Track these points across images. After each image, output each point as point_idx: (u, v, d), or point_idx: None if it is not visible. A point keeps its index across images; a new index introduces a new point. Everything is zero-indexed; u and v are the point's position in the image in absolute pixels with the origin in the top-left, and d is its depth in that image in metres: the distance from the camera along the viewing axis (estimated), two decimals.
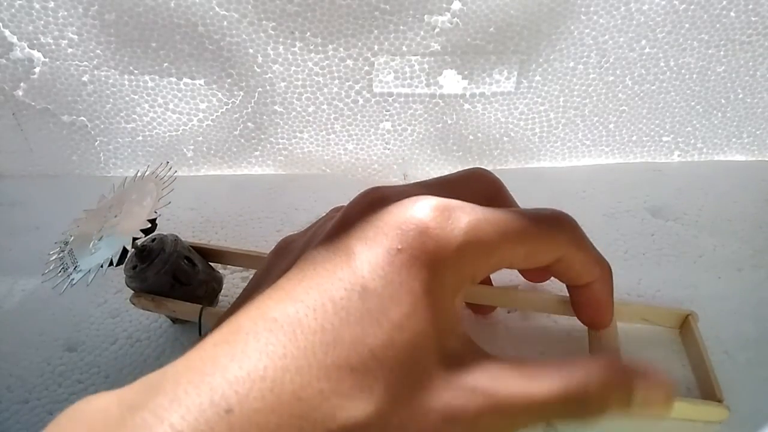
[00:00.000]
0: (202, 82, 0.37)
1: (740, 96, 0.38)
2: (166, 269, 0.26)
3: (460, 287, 0.19)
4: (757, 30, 0.35)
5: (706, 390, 0.25)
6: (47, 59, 0.36)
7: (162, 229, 0.27)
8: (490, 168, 0.42)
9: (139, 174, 0.28)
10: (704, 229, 0.35)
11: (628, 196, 0.38)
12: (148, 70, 0.37)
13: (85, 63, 0.36)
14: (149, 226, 0.24)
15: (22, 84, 0.37)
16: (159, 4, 0.34)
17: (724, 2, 0.34)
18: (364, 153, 0.41)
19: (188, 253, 0.28)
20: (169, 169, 0.27)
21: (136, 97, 0.38)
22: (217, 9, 0.34)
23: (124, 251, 0.24)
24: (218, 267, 0.32)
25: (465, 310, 0.29)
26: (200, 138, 0.40)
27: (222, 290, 0.30)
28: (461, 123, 0.39)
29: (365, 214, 0.20)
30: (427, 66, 0.36)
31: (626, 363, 0.19)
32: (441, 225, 0.18)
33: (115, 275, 0.32)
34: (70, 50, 0.35)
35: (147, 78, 0.37)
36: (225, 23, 0.34)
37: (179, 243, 0.28)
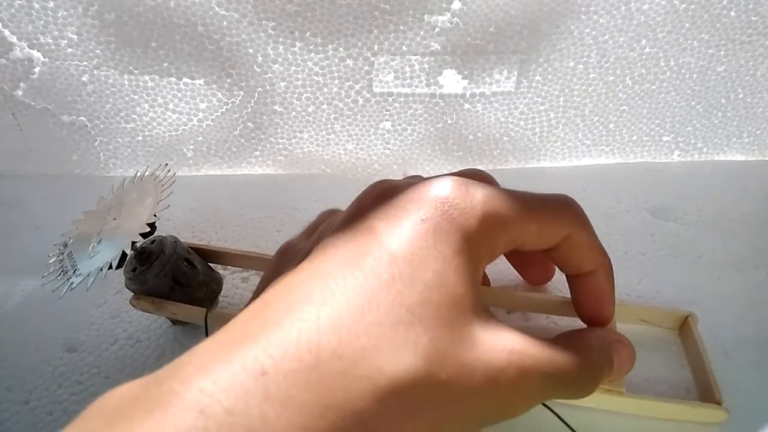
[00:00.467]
0: (201, 82, 0.37)
1: (740, 96, 0.38)
2: (166, 271, 0.26)
3: (481, 258, 0.19)
4: (758, 29, 0.35)
5: (705, 391, 0.25)
6: (47, 59, 0.36)
7: (162, 230, 0.27)
8: (490, 168, 0.42)
9: (138, 175, 0.28)
10: (704, 230, 0.35)
11: (628, 196, 0.38)
12: (148, 70, 0.37)
13: (85, 63, 0.36)
14: (148, 229, 0.24)
15: (21, 84, 0.37)
16: (159, 4, 0.33)
17: (724, 2, 0.34)
18: (364, 153, 0.41)
19: (188, 255, 0.28)
20: (168, 171, 0.26)
21: (136, 97, 0.38)
22: (216, 9, 0.34)
23: (124, 255, 0.24)
24: (218, 268, 0.32)
25: None
26: (200, 138, 0.40)
27: (222, 291, 0.30)
28: (461, 123, 0.39)
29: (380, 200, 0.20)
30: (427, 66, 0.36)
31: (603, 332, 0.22)
32: (461, 196, 0.19)
33: (115, 276, 0.31)
34: (69, 50, 0.35)
35: (147, 78, 0.37)
36: (225, 23, 0.34)
37: (178, 245, 0.28)
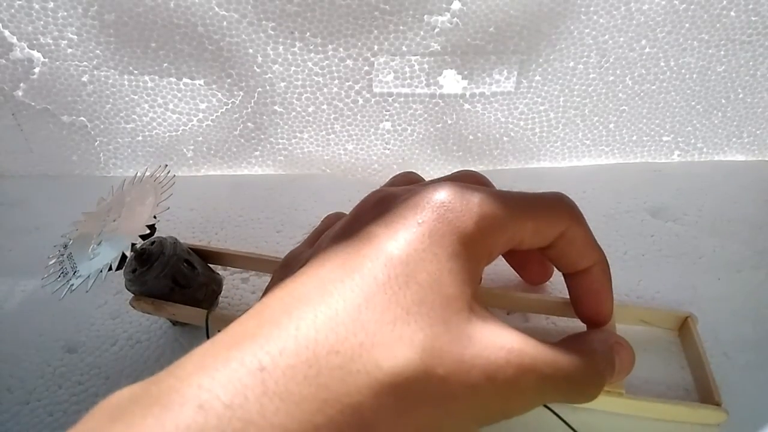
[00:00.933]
0: (201, 82, 0.37)
1: (740, 96, 0.38)
2: (166, 273, 0.27)
3: (479, 260, 0.19)
4: (757, 30, 0.35)
5: (705, 393, 0.25)
6: (47, 59, 0.36)
7: (162, 230, 0.27)
8: (490, 168, 0.42)
9: (137, 176, 0.28)
10: (704, 230, 0.35)
11: (628, 196, 0.38)
12: (148, 71, 0.37)
13: (85, 63, 0.36)
14: (148, 231, 0.24)
15: (21, 84, 0.37)
16: (159, 5, 0.33)
17: (724, 2, 0.34)
18: (364, 153, 0.41)
19: (187, 256, 0.28)
20: (168, 172, 0.26)
21: (136, 97, 0.38)
22: (216, 9, 0.34)
23: (123, 256, 0.24)
24: (218, 269, 0.32)
25: None
26: (200, 138, 0.40)
27: (222, 292, 0.30)
28: (461, 123, 0.39)
29: (378, 207, 0.20)
30: (427, 66, 0.36)
31: (604, 335, 0.22)
32: (457, 199, 0.19)
33: (115, 277, 0.31)
34: (69, 50, 0.35)
35: (147, 78, 0.37)
36: (225, 23, 0.34)
37: (178, 246, 0.28)
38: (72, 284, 0.23)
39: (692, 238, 0.34)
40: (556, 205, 0.22)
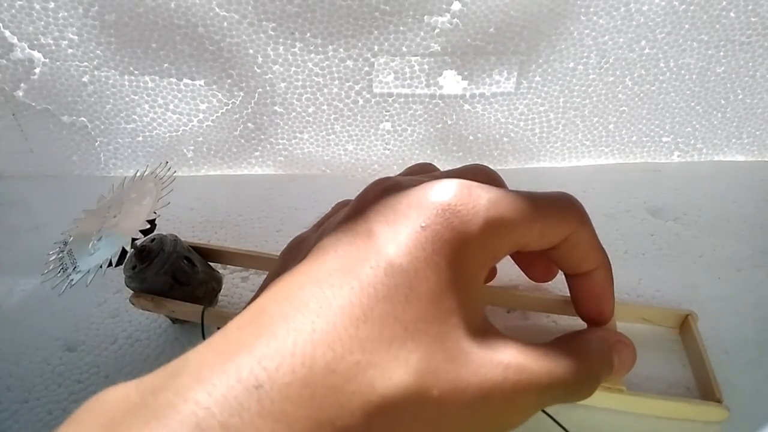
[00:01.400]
0: (202, 82, 0.37)
1: (740, 96, 0.38)
2: (166, 269, 0.26)
3: (484, 264, 0.19)
4: (757, 30, 0.35)
5: (706, 390, 0.25)
6: (47, 60, 0.36)
7: (162, 229, 0.27)
8: None
9: (138, 174, 0.28)
10: (704, 229, 0.35)
11: (628, 196, 0.38)
12: (149, 71, 0.37)
13: (86, 63, 0.36)
14: (148, 226, 0.24)
15: (22, 84, 0.37)
16: (159, 5, 0.34)
17: (724, 3, 0.34)
18: (364, 153, 0.41)
19: (188, 253, 0.28)
20: (168, 169, 0.27)
21: (137, 97, 0.38)
22: (217, 10, 0.34)
23: (124, 252, 0.24)
24: (218, 267, 0.32)
25: None
26: (200, 138, 0.40)
27: (221, 290, 0.30)
28: (461, 123, 0.39)
29: (381, 199, 0.20)
30: (427, 66, 0.36)
31: (603, 333, 0.22)
32: (464, 202, 0.19)
33: (115, 275, 0.32)
34: (70, 51, 0.35)
35: (147, 78, 0.37)
36: (225, 24, 0.34)
37: (179, 243, 0.28)
38: (72, 279, 0.23)
39: (692, 238, 0.34)
40: (564, 208, 0.21)
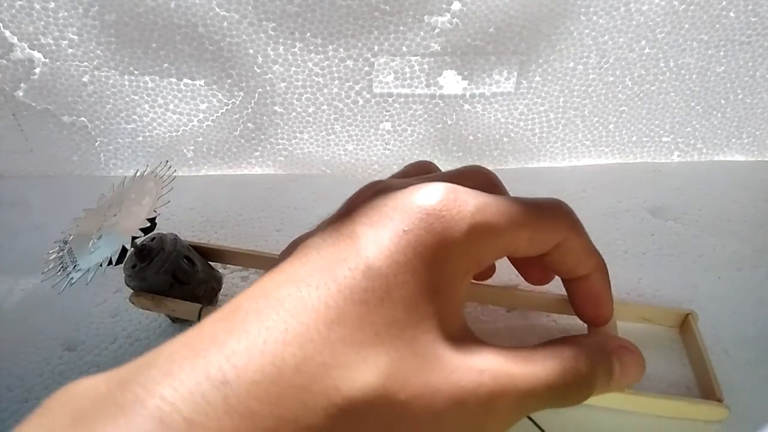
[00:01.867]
0: (202, 82, 0.37)
1: (740, 96, 0.38)
2: (166, 268, 0.26)
3: (466, 271, 0.19)
4: (757, 30, 0.35)
5: (706, 389, 0.25)
6: (47, 60, 0.36)
7: (162, 229, 0.27)
8: (490, 168, 0.42)
9: (138, 173, 0.28)
10: (704, 229, 0.35)
11: (628, 196, 0.38)
12: (149, 71, 0.37)
13: (86, 63, 0.36)
14: (148, 225, 0.24)
15: (22, 84, 0.37)
16: (159, 5, 0.34)
17: (724, 3, 0.34)
18: (364, 153, 0.41)
19: (188, 253, 0.28)
20: (169, 168, 0.27)
21: (137, 97, 0.38)
22: (217, 10, 0.34)
23: (124, 250, 0.24)
24: (218, 266, 0.32)
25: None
26: (200, 138, 0.40)
27: (221, 289, 0.30)
28: (461, 123, 0.39)
29: (369, 201, 0.20)
30: (427, 66, 0.36)
31: (602, 339, 0.21)
32: (448, 207, 0.18)
33: (115, 274, 0.32)
34: (70, 51, 0.36)
35: (147, 78, 0.37)
36: (225, 24, 0.34)
37: (179, 242, 0.28)
38: (72, 278, 0.23)
39: (692, 237, 0.34)
40: (553, 214, 0.21)
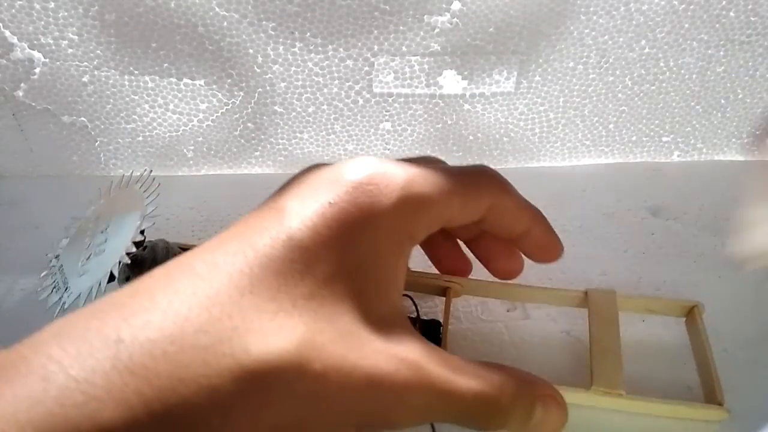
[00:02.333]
0: (202, 82, 0.37)
1: (740, 96, 0.38)
2: None
3: (397, 247, 0.19)
4: (757, 30, 0.35)
5: (708, 391, 0.24)
6: (47, 60, 0.36)
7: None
8: None
9: (123, 181, 0.28)
10: (704, 229, 0.35)
11: (628, 195, 0.38)
12: (149, 71, 0.37)
13: (86, 63, 0.36)
14: (135, 250, 0.24)
15: (22, 84, 0.37)
16: (159, 5, 0.34)
17: (724, 2, 0.34)
18: (364, 153, 0.41)
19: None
20: (150, 173, 0.26)
21: (137, 97, 0.38)
22: (217, 9, 0.34)
23: (112, 274, 0.24)
24: None
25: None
26: (200, 138, 0.40)
27: None
28: (461, 123, 0.39)
29: (302, 176, 0.20)
30: (427, 66, 0.36)
31: (534, 381, 0.20)
32: (376, 181, 0.18)
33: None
34: (70, 51, 0.35)
35: (147, 78, 0.37)
36: (225, 24, 0.34)
37: (170, 250, 0.28)
38: (64, 302, 0.23)
39: (693, 237, 0.34)
40: (480, 178, 0.21)
